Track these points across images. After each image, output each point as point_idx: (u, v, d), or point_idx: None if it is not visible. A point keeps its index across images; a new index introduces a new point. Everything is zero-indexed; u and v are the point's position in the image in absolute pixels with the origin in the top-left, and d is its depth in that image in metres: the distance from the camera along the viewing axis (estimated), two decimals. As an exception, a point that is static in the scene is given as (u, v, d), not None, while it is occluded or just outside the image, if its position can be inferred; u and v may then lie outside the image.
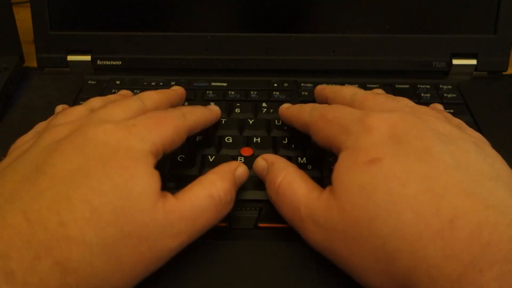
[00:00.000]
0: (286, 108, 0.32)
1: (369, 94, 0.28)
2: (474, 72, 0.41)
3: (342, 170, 0.23)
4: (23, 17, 0.45)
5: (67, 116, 0.27)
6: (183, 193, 0.23)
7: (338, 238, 0.22)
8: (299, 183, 0.24)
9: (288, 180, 0.25)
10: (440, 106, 0.33)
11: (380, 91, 0.34)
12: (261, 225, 0.27)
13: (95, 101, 0.29)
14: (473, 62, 0.41)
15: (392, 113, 0.24)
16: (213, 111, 0.32)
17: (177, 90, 0.34)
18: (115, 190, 0.21)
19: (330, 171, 0.30)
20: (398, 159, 0.21)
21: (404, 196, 0.20)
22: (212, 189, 0.24)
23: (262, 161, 0.28)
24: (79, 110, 0.27)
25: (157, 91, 0.30)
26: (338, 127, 0.25)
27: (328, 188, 0.23)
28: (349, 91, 0.29)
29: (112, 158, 0.22)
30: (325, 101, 0.32)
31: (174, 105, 0.32)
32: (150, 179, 0.22)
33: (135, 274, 0.21)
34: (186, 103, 0.37)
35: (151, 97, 0.29)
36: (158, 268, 0.22)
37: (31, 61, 0.44)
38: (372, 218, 0.20)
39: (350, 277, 0.22)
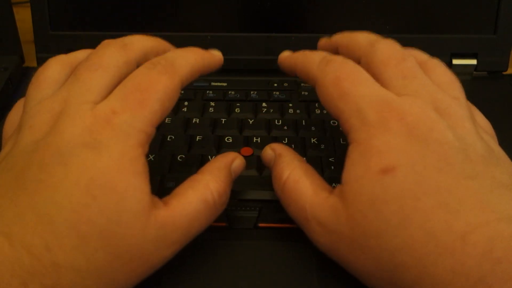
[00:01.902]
0: (289, 55, 0.28)
1: (391, 56, 0.24)
2: (474, 72, 0.41)
3: (353, 174, 0.21)
4: (23, 17, 0.45)
5: (42, 88, 0.23)
6: (175, 199, 0.22)
7: (344, 243, 0.21)
8: (305, 182, 0.23)
9: (294, 178, 0.24)
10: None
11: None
12: (261, 225, 0.27)
13: (77, 55, 0.26)
14: (473, 62, 0.41)
15: (413, 104, 0.21)
16: (213, 55, 0.27)
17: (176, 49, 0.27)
18: (102, 215, 0.19)
19: (331, 171, 0.30)
20: (413, 168, 0.20)
21: (416, 211, 0.19)
22: (206, 193, 0.22)
23: (270, 151, 0.26)
24: (54, 75, 0.24)
25: (148, 36, 0.25)
26: (353, 107, 0.22)
27: (337, 190, 0.22)
28: (367, 39, 0.25)
29: (95, 172, 0.19)
30: (336, 50, 0.28)
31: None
32: (140, 193, 0.20)
33: (128, 285, 0.21)
34: (186, 103, 0.37)
35: (138, 40, 0.25)
36: (150, 274, 0.22)
37: (31, 61, 0.44)
38: (381, 231, 0.20)
39: (350, 278, 0.22)
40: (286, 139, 0.33)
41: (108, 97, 0.22)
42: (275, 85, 0.40)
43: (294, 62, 0.27)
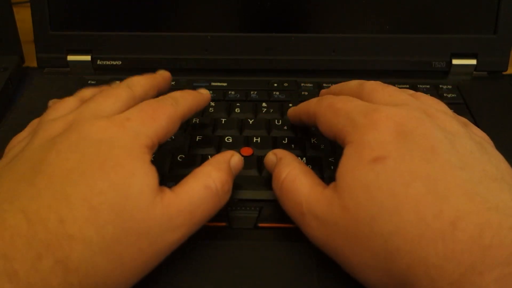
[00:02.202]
0: (293, 108, 0.32)
1: (378, 85, 0.27)
2: (474, 72, 0.41)
3: (346, 167, 0.23)
4: (23, 17, 0.45)
5: (58, 111, 0.26)
6: (180, 187, 0.23)
7: (339, 234, 0.22)
8: (302, 180, 0.24)
9: (292, 177, 0.25)
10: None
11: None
12: (261, 225, 0.27)
13: (86, 92, 0.29)
14: (473, 62, 0.41)
15: (400, 108, 0.23)
16: (203, 95, 0.31)
17: (163, 74, 0.32)
18: (113, 189, 0.21)
19: (331, 171, 0.30)
20: (403, 158, 0.21)
21: (407, 197, 0.20)
22: (208, 180, 0.24)
23: (272, 156, 0.28)
24: (70, 103, 0.27)
25: (144, 76, 0.30)
26: (345, 118, 0.24)
27: (331, 185, 0.23)
28: (356, 82, 0.29)
29: (108, 156, 0.22)
30: None
31: (161, 89, 0.31)
32: (148, 176, 0.22)
33: (135, 270, 0.21)
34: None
35: (139, 82, 0.29)
36: (158, 263, 0.22)
37: (31, 61, 0.44)
38: (374, 216, 0.20)
39: (350, 277, 0.22)
40: (286, 139, 0.33)
41: (122, 112, 0.25)
42: (275, 85, 0.40)
43: (297, 111, 0.31)
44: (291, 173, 0.25)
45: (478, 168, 0.21)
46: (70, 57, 0.41)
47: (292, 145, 0.32)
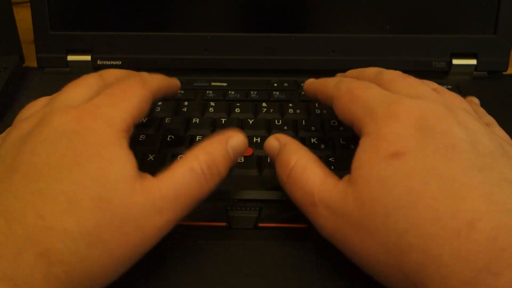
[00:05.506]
0: (311, 82, 0.31)
1: (398, 75, 0.26)
2: (474, 72, 0.41)
3: (362, 160, 0.22)
4: (23, 17, 0.45)
5: (29, 110, 0.26)
6: (163, 172, 0.23)
7: (351, 227, 0.21)
8: (313, 168, 0.24)
9: (302, 164, 0.24)
10: (476, 100, 0.32)
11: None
12: (261, 225, 0.27)
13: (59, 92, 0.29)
14: (473, 62, 0.41)
15: (421, 101, 0.23)
16: (173, 78, 0.31)
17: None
18: (90, 179, 0.20)
19: (331, 172, 0.30)
20: (421, 154, 0.21)
21: (424, 195, 0.20)
22: (194, 163, 0.23)
23: (275, 141, 0.27)
24: (41, 101, 0.27)
25: (121, 70, 0.29)
26: (363, 107, 0.24)
27: (346, 178, 0.23)
28: (375, 69, 0.28)
29: (83, 146, 0.21)
30: None
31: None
32: (126, 162, 0.22)
33: (123, 257, 0.21)
34: (186, 103, 0.37)
35: (111, 71, 0.28)
36: (146, 250, 0.22)
37: (31, 61, 0.44)
38: (389, 212, 0.20)
39: (350, 277, 0.22)
40: (286, 139, 0.33)
41: (91, 99, 0.24)
42: (275, 85, 0.40)
43: (314, 88, 0.30)
44: (300, 161, 0.24)
45: (496, 170, 0.20)
46: (70, 57, 0.41)
47: (292, 145, 0.32)
